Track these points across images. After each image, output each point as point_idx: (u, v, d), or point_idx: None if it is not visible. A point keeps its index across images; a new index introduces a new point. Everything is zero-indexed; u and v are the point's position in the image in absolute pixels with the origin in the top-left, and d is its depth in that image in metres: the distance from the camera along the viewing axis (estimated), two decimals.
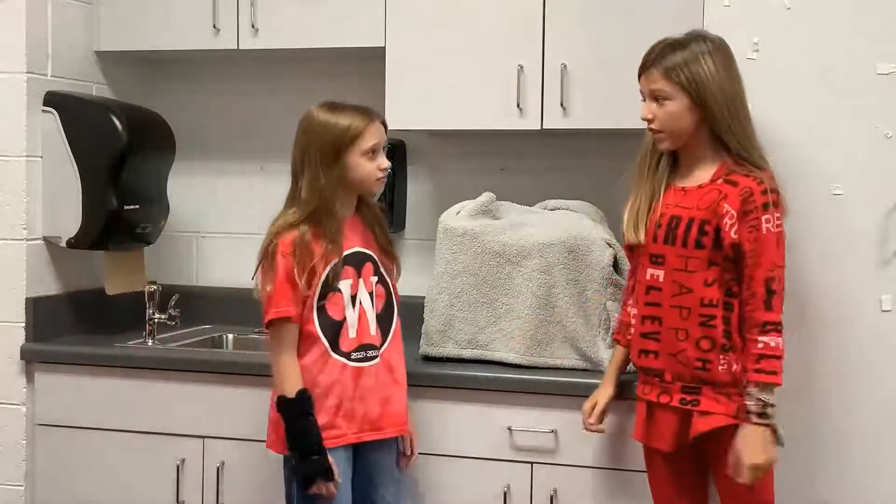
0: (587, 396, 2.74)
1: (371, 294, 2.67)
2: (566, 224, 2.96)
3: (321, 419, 2.58)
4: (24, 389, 3.21)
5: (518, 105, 3.09)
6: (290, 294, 2.58)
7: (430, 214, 3.33)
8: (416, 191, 3.55)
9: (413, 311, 3.10)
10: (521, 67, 3.08)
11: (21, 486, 3.22)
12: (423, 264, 3.34)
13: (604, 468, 2.79)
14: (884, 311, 2.55)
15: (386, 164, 2.66)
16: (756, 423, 2.34)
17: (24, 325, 3.22)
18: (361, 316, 2.65)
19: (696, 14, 2.67)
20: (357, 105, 2.66)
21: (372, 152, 2.62)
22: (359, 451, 2.68)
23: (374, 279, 2.70)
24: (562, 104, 3.06)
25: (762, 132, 2.48)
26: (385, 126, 2.71)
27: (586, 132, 3.20)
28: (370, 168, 2.63)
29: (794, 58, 2.59)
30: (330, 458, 2.57)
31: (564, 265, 2.89)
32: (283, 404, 2.58)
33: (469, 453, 2.88)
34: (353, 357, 2.63)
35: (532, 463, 2.85)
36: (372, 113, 2.66)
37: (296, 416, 2.57)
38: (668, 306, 2.44)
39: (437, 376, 2.89)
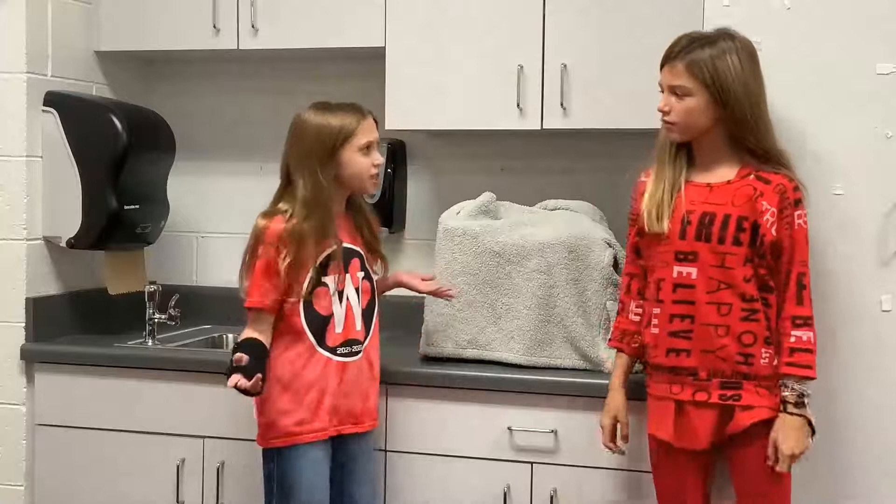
0: (587, 396, 2.75)
1: (358, 290, 2.70)
2: (566, 224, 2.96)
3: (301, 414, 2.62)
4: (24, 389, 3.21)
5: (518, 105, 3.09)
6: (267, 285, 2.60)
7: (430, 214, 3.33)
8: (416, 191, 3.55)
9: (413, 311, 3.10)
10: (521, 67, 3.08)
11: (21, 486, 3.22)
12: (423, 264, 3.34)
13: (604, 468, 2.79)
14: (884, 311, 2.55)
15: (379, 159, 2.69)
16: (793, 413, 2.39)
17: (24, 325, 3.22)
18: (348, 311, 2.68)
19: (696, 14, 2.67)
20: (346, 103, 2.69)
21: (366, 148, 2.66)
22: (340, 445, 2.70)
23: (361, 275, 2.72)
24: (562, 104, 3.06)
25: None
26: (376, 122, 2.73)
27: (586, 132, 3.20)
28: (365, 164, 2.66)
29: (794, 58, 2.58)
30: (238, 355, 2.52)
31: (564, 265, 2.89)
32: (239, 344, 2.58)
33: (469, 453, 2.88)
34: (338, 352, 2.66)
35: (532, 463, 2.85)
36: (363, 110, 2.69)
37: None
38: (705, 303, 2.42)
39: (437, 376, 2.89)
